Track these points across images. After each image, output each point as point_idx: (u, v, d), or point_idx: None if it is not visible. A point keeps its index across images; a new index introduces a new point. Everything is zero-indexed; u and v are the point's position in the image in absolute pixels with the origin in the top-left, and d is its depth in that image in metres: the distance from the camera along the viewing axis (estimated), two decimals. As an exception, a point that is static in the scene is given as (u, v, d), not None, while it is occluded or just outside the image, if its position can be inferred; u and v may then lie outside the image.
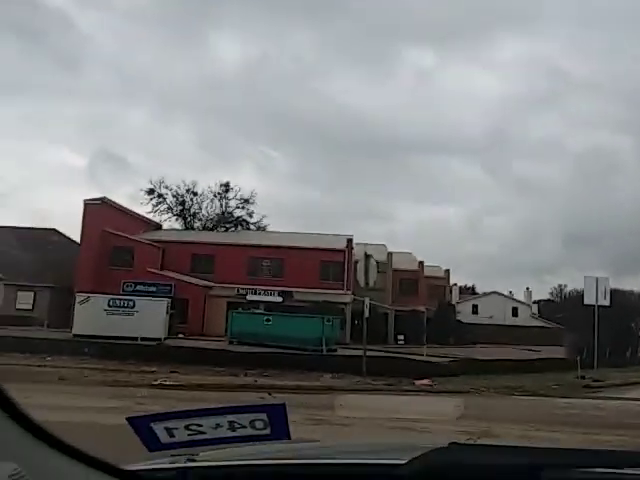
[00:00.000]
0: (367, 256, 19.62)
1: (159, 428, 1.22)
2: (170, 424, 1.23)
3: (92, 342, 18.60)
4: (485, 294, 59.62)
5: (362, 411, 8.31)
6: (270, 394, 10.09)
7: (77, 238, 39.55)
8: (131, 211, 43.16)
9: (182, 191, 53.96)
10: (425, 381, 16.51)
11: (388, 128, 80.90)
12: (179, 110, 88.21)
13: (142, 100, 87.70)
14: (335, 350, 25.97)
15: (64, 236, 43.68)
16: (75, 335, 28.25)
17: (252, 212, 54.56)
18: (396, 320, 38.74)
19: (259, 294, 36.97)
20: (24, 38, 75.06)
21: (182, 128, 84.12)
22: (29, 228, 42.66)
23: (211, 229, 52.51)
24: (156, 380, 12.39)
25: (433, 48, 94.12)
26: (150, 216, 49.33)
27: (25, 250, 37.94)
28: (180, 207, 54.12)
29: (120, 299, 31.13)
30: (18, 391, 1.12)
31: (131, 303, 30.66)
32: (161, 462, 1.35)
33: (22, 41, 77.55)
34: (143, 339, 25.86)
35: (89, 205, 37.83)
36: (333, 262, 38.23)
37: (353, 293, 34.25)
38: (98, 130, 75.05)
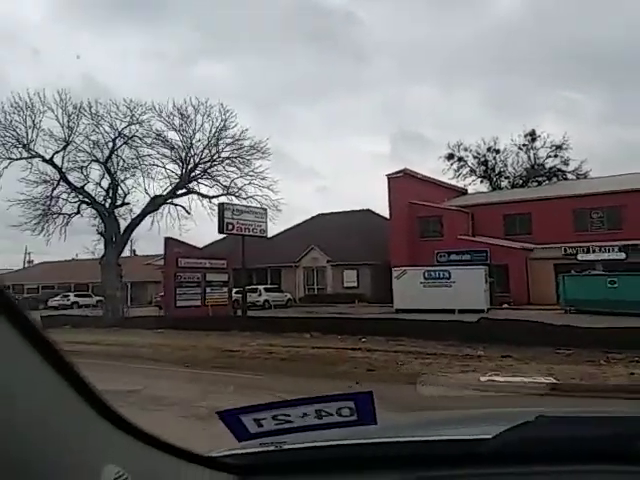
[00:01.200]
0: None
1: (248, 420, 1.22)
2: (259, 415, 1.23)
3: (408, 320, 16.28)
4: None
5: None
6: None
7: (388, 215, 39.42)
8: (433, 179, 40.87)
9: (483, 150, 49.45)
10: None
11: None
12: (461, 75, 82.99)
13: (424, 75, 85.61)
14: None
15: (378, 215, 44.44)
16: (397, 310, 27.38)
17: (567, 159, 46.59)
18: None
19: (593, 252, 30.27)
20: (320, 44, 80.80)
21: (469, 92, 79.03)
22: (347, 212, 44.70)
23: (521, 185, 46.63)
24: (485, 373, 9.04)
25: None
26: (453, 182, 46.38)
27: (346, 232, 39.44)
28: (483, 167, 49.69)
29: (435, 270, 29.04)
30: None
31: (447, 274, 28.30)
32: (249, 448, 1.27)
33: (319, 47, 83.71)
34: (462, 311, 23.13)
35: (392, 179, 36.91)
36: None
37: None
38: (392, 114, 75.96)
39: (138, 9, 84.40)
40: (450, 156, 49.47)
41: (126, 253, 43.81)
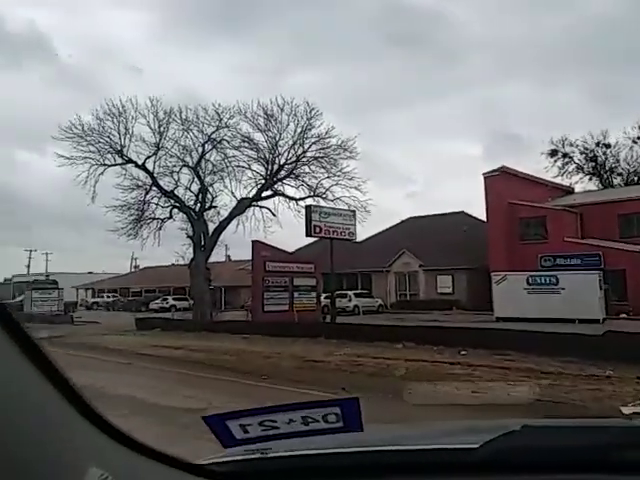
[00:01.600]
0: None
1: (233, 425, 1.21)
2: (244, 421, 1.21)
3: (515, 331, 14.18)
4: None
5: None
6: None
7: (484, 218, 36.93)
8: (535, 177, 37.52)
9: (591, 145, 44.95)
10: None
11: None
12: (560, 70, 77.01)
13: (519, 73, 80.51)
14: None
15: (472, 217, 41.91)
16: (497, 318, 25.02)
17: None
18: None
19: None
20: (409, 46, 78.61)
21: (568, 88, 73.25)
22: (440, 215, 42.47)
23: (637, 183, 41.80)
24: (627, 402, 7.06)
25: None
26: (557, 180, 42.51)
27: (439, 235, 37.37)
28: (592, 164, 45.13)
29: (541, 276, 26.25)
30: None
31: (554, 280, 25.43)
32: (235, 455, 1.26)
33: (408, 49, 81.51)
34: (573, 321, 20.45)
35: (489, 178, 34.24)
36: None
37: None
38: (484, 114, 72.11)
39: (229, 25, 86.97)
40: (553, 152, 45.44)
41: (221, 258, 44.86)
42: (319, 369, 10.76)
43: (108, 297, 54.34)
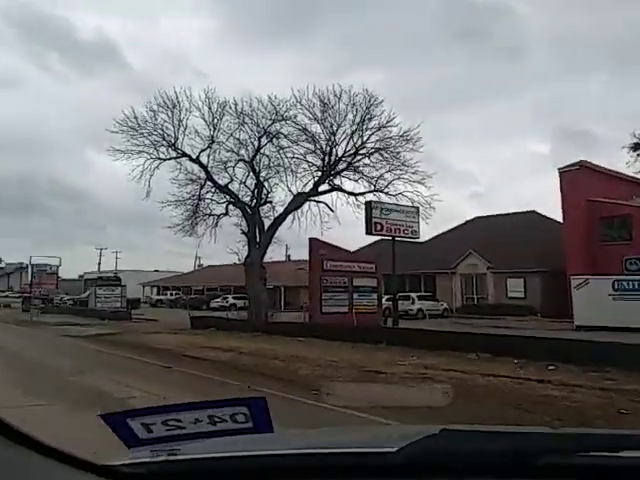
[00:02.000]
0: None
1: (135, 424, 1.17)
2: (147, 420, 1.18)
3: (615, 344, 11.99)
4: None
5: None
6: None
7: (557, 217, 34.07)
8: (618, 172, 34.10)
9: (682, 138, 40.54)
10: None
11: None
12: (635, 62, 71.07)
13: (588, 67, 75.11)
14: None
15: (544, 217, 38.90)
16: (578, 327, 22.40)
17: None
18: None
19: None
20: (472, 43, 75.18)
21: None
22: (509, 214, 39.74)
23: None
24: None
25: None
26: None
27: (509, 236, 34.76)
28: (684, 158, 40.75)
29: (629, 280, 23.34)
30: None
31: (644, 284, 22.55)
32: (141, 456, 1.20)
33: (471, 47, 78.01)
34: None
35: (565, 173, 31.28)
36: None
37: None
38: (551, 111, 67.68)
39: (288, 29, 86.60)
40: (636, 146, 41.42)
41: (281, 258, 43.92)
42: (382, 382, 9.13)
43: (171, 295, 54.90)
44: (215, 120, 23.39)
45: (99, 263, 72.80)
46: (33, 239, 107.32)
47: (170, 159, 23.56)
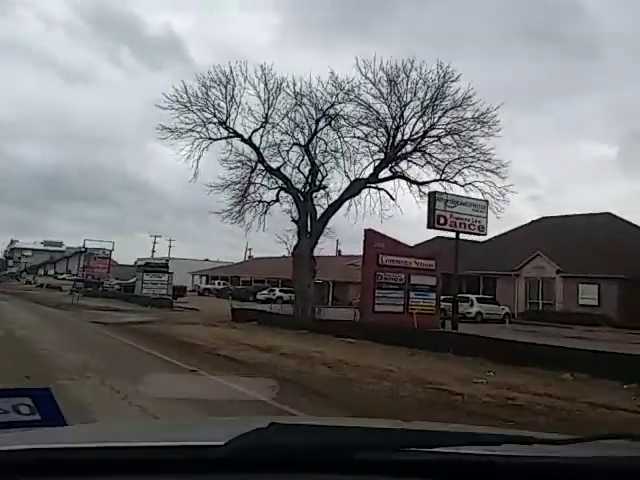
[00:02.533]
0: None
1: None
2: None
3: None
4: None
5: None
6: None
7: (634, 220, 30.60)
8: None
9: None
10: None
11: None
12: None
13: None
14: None
15: (621, 219, 35.19)
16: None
17: None
18: None
19: None
20: (539, 42, 70.37)
21: None
22: (582, 215, 36.17)
23: None
24: None
25: None
26: None
27: (581, 238, 31.42)
28: None
29: None
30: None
31: None
32: None
33: (538, 46, 73.11)
34: None
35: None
36: None
37: None
38: (620, 113, 62.25)
39: (350, 26, 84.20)
40: None
41: (331, 252, 41.93)
42: (458, 409, 6.87)
43: (219, 284, 54.11)
44: (271, 98, 21.53)
45: (153, 250, 73.22)
46: (100, 226, 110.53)
47: (220, 139, 21.93)
